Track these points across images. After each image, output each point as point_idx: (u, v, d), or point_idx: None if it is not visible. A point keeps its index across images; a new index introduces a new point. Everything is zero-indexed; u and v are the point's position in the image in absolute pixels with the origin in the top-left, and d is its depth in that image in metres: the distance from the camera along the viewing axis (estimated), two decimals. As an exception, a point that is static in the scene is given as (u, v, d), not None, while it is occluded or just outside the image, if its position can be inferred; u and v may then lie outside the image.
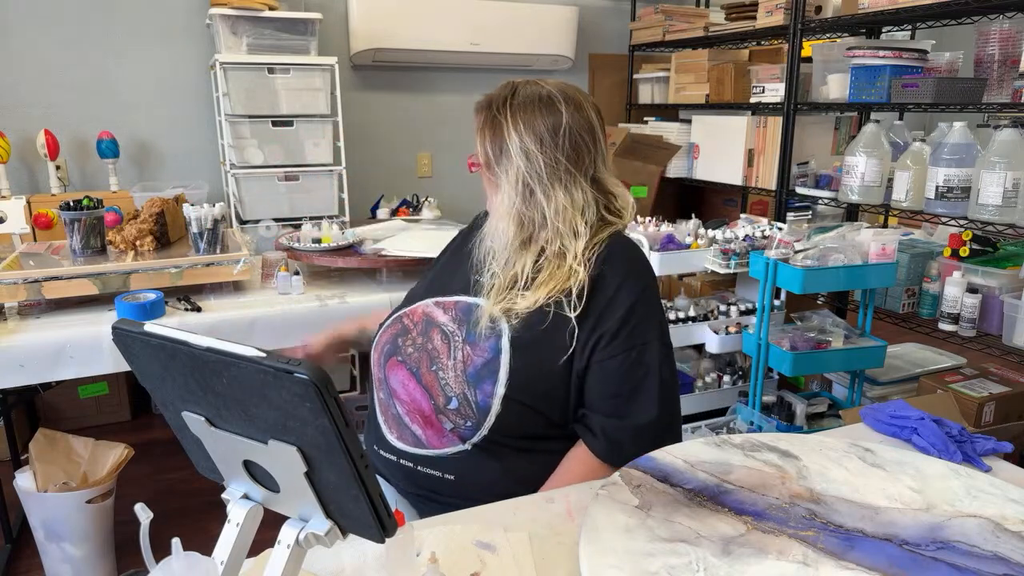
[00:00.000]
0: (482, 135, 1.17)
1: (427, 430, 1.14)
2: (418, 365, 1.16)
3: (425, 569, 0.79)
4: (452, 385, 1.12)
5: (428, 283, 1.29)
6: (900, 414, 1.17)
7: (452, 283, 1.24)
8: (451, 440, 1.13)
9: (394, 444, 1.18)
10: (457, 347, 1.14)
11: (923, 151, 2.25)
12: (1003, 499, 0.94)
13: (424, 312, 1.21)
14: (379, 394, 1.22)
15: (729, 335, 2.38)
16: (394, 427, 1.18)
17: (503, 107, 1.15)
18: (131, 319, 0.86)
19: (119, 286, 1.85)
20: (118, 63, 3.03)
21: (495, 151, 1.16)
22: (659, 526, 0.87)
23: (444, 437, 1.13)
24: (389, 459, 1.19)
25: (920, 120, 4.68)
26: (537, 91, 1.16)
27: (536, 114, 1.14)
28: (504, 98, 1.16)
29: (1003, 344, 2.13)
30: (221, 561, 0.70)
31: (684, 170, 3.43)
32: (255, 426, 0.65)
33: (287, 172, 2.90)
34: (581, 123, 1.15)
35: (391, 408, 1.19)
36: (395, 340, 1.21)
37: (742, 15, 3.05)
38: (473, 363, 1.11)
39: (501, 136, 1.15)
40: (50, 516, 1.87)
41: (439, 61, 3.51)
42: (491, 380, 1.09)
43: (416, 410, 1.15)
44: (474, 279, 1.20)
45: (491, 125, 1.16)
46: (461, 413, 1.11)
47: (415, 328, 1.20)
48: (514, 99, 1.16)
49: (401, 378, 1.17)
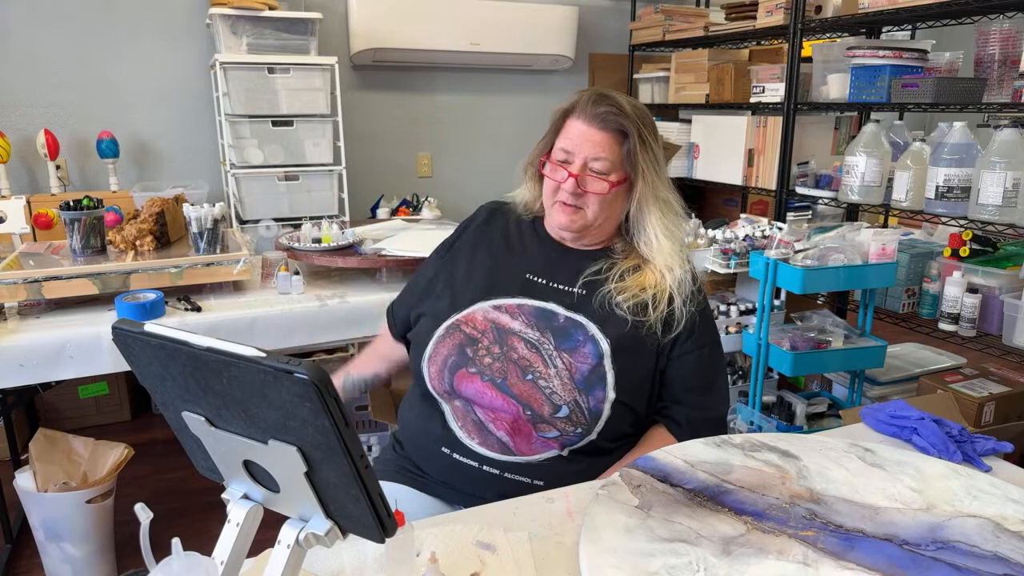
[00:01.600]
0: (633, 150, 1.20)
1: (515, 437, 1.14)
2: (503, 375, 1.14)
3: (425, 569, 0.79)
4: (561, 393, 1.13)
5: (478, 286, 1.25)
6: (900, 414, 1.17)
7: (507, 284, 1.23)
8: (544, 446, 1.14)
9: (476, 450, 1.16)
10: (551, 355, 1.15)
11: (923, 151, 2.25)
12: (1003, 499, 0.94)
13: (488, 318, 1.19)
14: (450, 405, 1.20)
15: (729, 335, 2.38)
16: (475, 433, 1.17)
17: (636, 120, 1.20)
18: (131, 319, 0.86)
19: (119, 286, 1.85)
20: (118, 63, 3.03)
21: (645, 164, 1.21)
22: (659, 526, 0.87)
23: (534, 443, 1.14)
24: (468, 464, 1.17)
25: (920, 120, 4.68)
26: (639, 103, 1.26)
27: (656, 132, 1.25)
28: (637, 111, 1.21)
29: (1003, 344, 2.13)
30: (221, 561, 0.70)
31: (684, 170, 3.42)
32: (255, 426, 0.65)
33: (287, 172, 2.90)
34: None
35: (471, 415, 1.17)
36: (461, 351, 1.18)
37: (742, 15, 3.05)
38: (579, 370, 1.14)
39: (649, 150, 1.21)
40: (50, 516, 1.87)
41: (439, 61, 3.51)
42: (600, 385, 1.14)
43: (502, 418, 1.14)
44: (534, 280, 1.23)
45: (640, 140, 1.20)
46: (572, 420, 1.14)
47: (484, 337, 1.18)
48: (638, 111, 1.22)
49: (477, 388, 1.16)
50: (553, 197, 1.24)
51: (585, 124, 1.20)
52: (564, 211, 1.22)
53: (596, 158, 1.19)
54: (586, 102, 1.20)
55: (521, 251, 1.29)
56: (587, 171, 1.20)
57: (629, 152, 1.19)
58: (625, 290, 1.19)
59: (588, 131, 1.19)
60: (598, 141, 1.19)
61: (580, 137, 1.20)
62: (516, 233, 1.32)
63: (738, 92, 3.15)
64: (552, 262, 1.26)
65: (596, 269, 1.23)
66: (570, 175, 1.19)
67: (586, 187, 1.20)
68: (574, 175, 1.19)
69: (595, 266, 1.23)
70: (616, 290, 1.20)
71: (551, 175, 1.23)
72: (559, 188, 1.22)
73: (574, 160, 1.20)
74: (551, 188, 1.24)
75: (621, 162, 1.20)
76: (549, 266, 1.25)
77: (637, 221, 1.25)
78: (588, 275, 1.22)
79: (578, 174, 1.19)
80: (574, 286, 1.22)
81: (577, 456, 1.17)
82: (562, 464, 1.16)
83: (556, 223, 1.25)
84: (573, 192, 1.20)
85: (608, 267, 1.23)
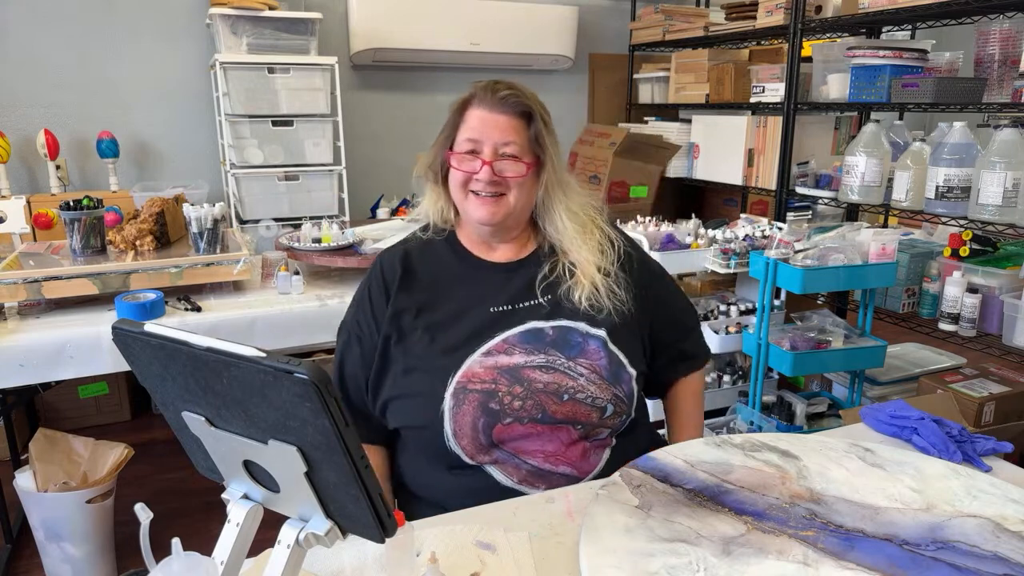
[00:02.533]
0: (540, 132, 1.18)
1: (575, 463, 1.13)
2: (541, 410, 1.10)
3: (425, 569, 0.79)
4: (601, 396, 1.14)
5: (452, 344, 1.15)
6: (900, 414, 1.17)
7: (480, 331, 1.16)
8: (598, 453, 1.15)
9: (547, 494, 1.10)
10: (569, 367, 1.14)
11: (923, 151, 2.25)
12: (1003, 499, 0.94)
13: (488, 367, 1.13)
14: (495, 464, 1.12)
15: (729, 335, 2.38)
16: (539, 481, 1.11)
17: (541, 106, 1.19)
18: (131, 319, 0.86)
19: (119, 286, 1.85)
20: (118, 63, 3.03)
21: (552, 146, 1.19)
22: (659, 526, 0.87)
23: (590, 457, 1.15)
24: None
25: (920, 120, 4.68)
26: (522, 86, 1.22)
27: (549, 115, 1.23)
28: (534, 94, 1.20)
29: (1003, 344, 2.13)
30: (221, 561, 0.70)
31: (684, 170, 3.42)
32: (255, 426, 0.65)
33: (287, 172, 2.90)
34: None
35: (523, 467, 1.11)
36: (485, 408, 1.10)
37: (742, 15, 3.05)
38: (601, 366, 1.15)
39: (551, 132, 1.20)
40: (50, 516, 1.87)
41: (439, 61, 3.51)
42: (622, 369, 1.17)
43: (554, 453, 1.12)
44: (500, 310, 1.18)
45: (544, 122, 1.18)
46: (618, 412, 1.16)
47: (499, 384, 1.11)
48: (534, 94, 1.21)
49: (521, 433, 1.10)
50: (465, 189, 1.17)
51: (488, 111, 1.15)
52: (483, 204, 1.16)
53: (506, 142, 1.14)
54: (484, 89, 1.17)
55: (467, 286, 1.21)
56: (499, 156, 1.15)
57: (537, 134, 1.16)
58: (579, 283, 1.19)
59: (493, 117, 1.15)
60: (505, 126, 1.15)
61: (485, 124, 1.15)
62: (443, 269, 1.24)
63: (738, 92, 3.15)
64: (501, 284, 1.21)
65: (543, 273, 1.20)
66: (484, 163, 1.14)
67: (503, 173, 1.15)
68: (488, 162, 1.14)
69: (540, 271, 1.20)
70: (574, 285, 1.19)
71: (460, 167, 1.17)
72: (471, 179, 1.16)
73: (483, 148, 1.15)
74: (461, 180, 1.17)
75: (530, 145, 1.16)
76: (501, 291, 1.20)
77: (544, 206, 1.22)
78: (541, 282, 1.20)
79: (491, 160, 1.14)
80: (537, 298, 1.19)
81: (620, 439, 1.19)
82: (616, 454, 1.17)
83: (476, 218, 1.18)
84: (490, 181, 1.14)
85: (552, 267, 1.21)
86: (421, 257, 1.25)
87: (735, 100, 3.16)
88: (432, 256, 1.25)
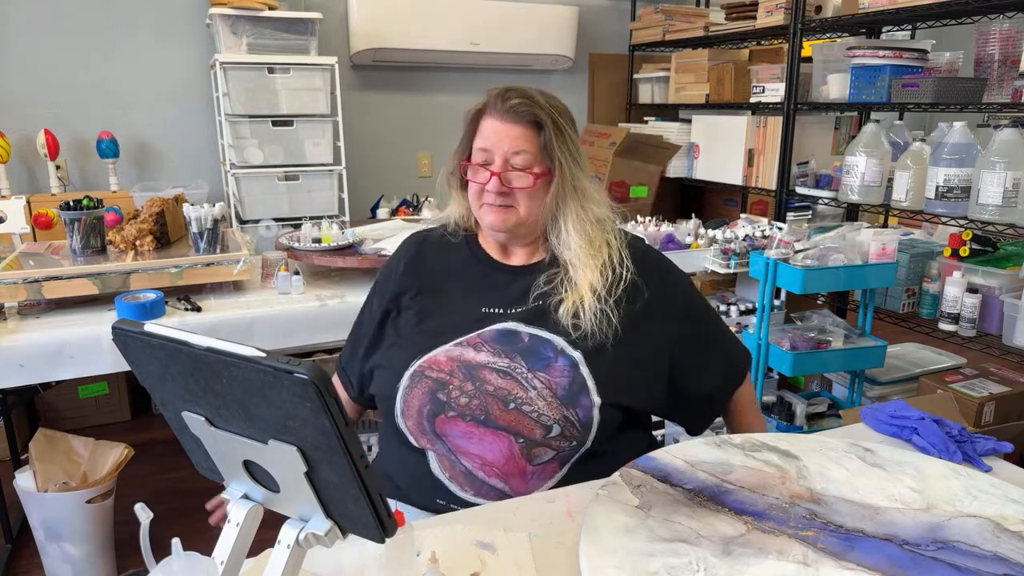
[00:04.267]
0: (550, 140, 1.16)
1: (510, 480, 1.11)
2: (484, 412, 1.11)
3: (425, 569, 0.79)
4: (548, 413, 1.10)
5: (433, 330, 1.20)
6: (900, 414, 1.17)
7: (465, 324, 1.18)
8: (540, 480, 1.12)
9: (473, 500, 1.12)
10: (526, 377, 1.12)
11: (923, 151, 2.25)
12: (1003, 499, 0.94)
13: (451, 357, 1.15)
14: (434, 452, 1.14)
15: (729, 335, 2.38)
16: (468, 485, 1.12)
17: (551, 110, 1.17)
18: (131, 319, 0.86)
19: (119, 286, 1.85)
20: (118, 63, 3.03)
21: (563, 154, 1.17)
22: (659, 526, 0.87)
23: (529, 480, 1.11)
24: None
25: (920, 120, 4.68)
26: (551, 93, 1.22)
27: (572, 120, 1.22)
28: (549, 101, 1.18)
29: (1003, 344, 2.13)
30: (221, 561, 0.70)
31: (684, 170, 3.43)
32: (255, 426, 0.65)
33: (287, 172, 2.90)
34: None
35: (457, 466, 1.13)
36: (433, 397, 1.13)
37: (742, 15, 3.06)
38: (559, 385, 1.11)
39: (566, 139, 1.18)
40: (50, 516, 1.87)
41: (439, 61, 3.51)
42: (584, 394, 1.12)
43: (491, 463, 1.11)
44: (491, 311, 1.19)
45: (556, 130, 1.16)
46: (565, 436, 1.11)
47: (453, 377, 1.13)
48: (551, 100, 1.19)
49: (462, 431, 1.11)
50: (479, 200, 1.20)
51: (499, 120, 1.16)
52: (494, 211, 1.18)
53: (516, 152, 1.15)
54: (496, 98, 1.17)
55: (469, 282, 1.24)
56: (509, 167, 1.16)
57: (546, 143, 1.16)
58: (568, 299, 1.16)
59: (503, 127, 1.16)
60: (514, 135, 1.15)
61: (496, 134, 1.16)
62: (454, 262, 1.27)
63: (738, 92, 3.15)
64: (502, 286, 1.22)
65: (544, 281, 1.20)
66: (492, 174, 1.16)
67: (511, 184, 1.16)
68: (496, 173, 1.16)
69: (543, 278, 1.20)
70: (564, 299, 1.16)
71: (473, 178, 1.20)
72: (483, 190, 1.18)
73: (494, 159, 1.16)
74: (476, 192, 1.20)
75: (540, 154, 1.16)
76: (499, 293, 1.21)
77: (553, 216, 1.21)
78: (538, 290, 1.19)
79: (500, 172, 1.16)
80: (528, 304, 1.19)
81: (576, 466, 1.14)
82: (566, 480, 1.13)
83: (488, 224, 1.21)
84: (499, 192, 1.16)
85: (550, 278, 1.20)
86: (436, 246, 1.31)
87: (735, 100, 3.16)
88: (446, 248, 1.30)
